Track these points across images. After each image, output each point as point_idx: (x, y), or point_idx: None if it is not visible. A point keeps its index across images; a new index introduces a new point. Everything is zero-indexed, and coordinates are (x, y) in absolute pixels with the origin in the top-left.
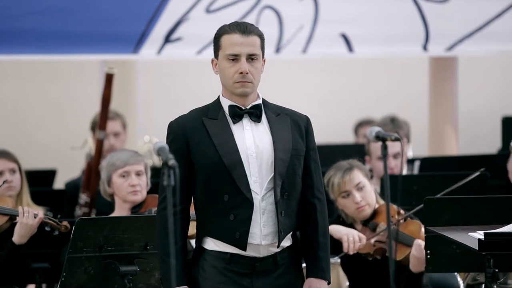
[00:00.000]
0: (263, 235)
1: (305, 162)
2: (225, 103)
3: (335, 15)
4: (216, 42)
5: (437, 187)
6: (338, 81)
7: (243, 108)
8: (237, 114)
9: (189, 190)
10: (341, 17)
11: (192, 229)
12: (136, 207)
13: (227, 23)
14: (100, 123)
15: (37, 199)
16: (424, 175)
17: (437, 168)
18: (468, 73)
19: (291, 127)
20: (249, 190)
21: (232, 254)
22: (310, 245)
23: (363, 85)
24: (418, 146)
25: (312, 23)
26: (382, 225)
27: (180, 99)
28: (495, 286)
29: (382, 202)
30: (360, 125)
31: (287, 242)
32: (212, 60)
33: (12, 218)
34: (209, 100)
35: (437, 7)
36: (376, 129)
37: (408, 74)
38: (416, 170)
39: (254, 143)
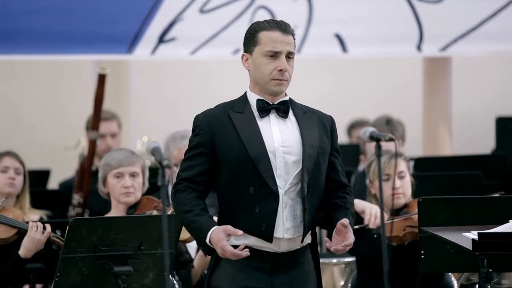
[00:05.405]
0: (285, 229)
1: (331, 161)
2: (253, 98)
3: (329, 15)
4: (252, 37)
5: (431, 187)
6: (333, 82)
7: (271, 103)
8: (265, 108)
9: (208, 183)
10: (335, 17)
11: (185, 233)
12: (131, 208)
13: (222, 23)
14: (93, 123)
15: (31, 199)
16: (418, 175)
17: (431, 168)
18: (462, 73)
19: (318, 126)
20: (275, 183)
21: (252, 250)
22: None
23: (356, 86)
24: (412, 146)
25: (306, 23)
26: (413, 212)
27: (174, 99)
28: (488, 286)
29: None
30: (353, 126)
31: (308, 239)
32: (243, 55)
33: (20, 231)
34: (204, 100)
35: (431, 7)
36: (370, 129)
37: (402, 74)
38: (410, 170)
39: (281, 138)
